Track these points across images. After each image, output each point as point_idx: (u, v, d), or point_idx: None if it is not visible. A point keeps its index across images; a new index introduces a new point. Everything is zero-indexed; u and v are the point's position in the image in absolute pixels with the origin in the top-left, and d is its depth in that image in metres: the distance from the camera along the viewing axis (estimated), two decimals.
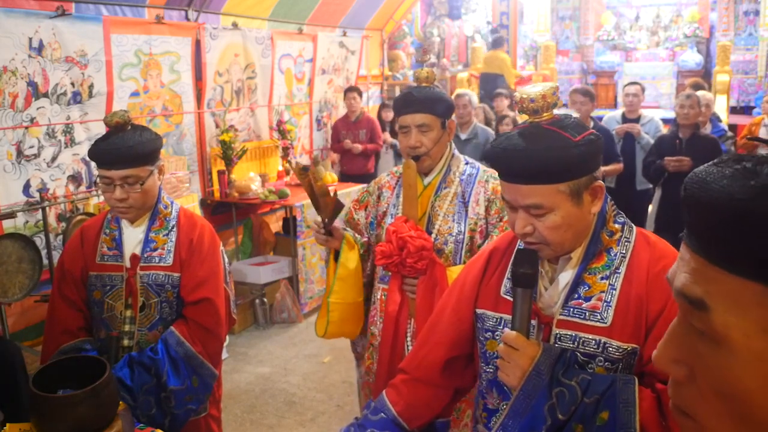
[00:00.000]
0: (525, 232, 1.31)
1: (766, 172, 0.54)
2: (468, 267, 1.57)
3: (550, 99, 1.28)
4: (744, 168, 0.56)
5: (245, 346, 4.56)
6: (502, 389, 1.41)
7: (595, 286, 1.33)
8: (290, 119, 6.00)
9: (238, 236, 5.41)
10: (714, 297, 0.56)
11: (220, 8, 4.98)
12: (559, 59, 10.83)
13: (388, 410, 1.49)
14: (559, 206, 1.27)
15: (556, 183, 1.26)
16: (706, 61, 10.44)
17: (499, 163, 1.32)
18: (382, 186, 2.35)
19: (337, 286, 2.28)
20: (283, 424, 3.54)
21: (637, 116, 5.50)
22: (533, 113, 1.30)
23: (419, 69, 2.30)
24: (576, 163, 1.25)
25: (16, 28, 3.47)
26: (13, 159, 3.55)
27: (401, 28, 8.66)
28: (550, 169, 1.25)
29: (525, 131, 1.29)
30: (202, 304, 2.12)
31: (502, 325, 1.42)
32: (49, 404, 1.50)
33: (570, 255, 1.35)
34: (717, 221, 0.56)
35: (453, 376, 1.53)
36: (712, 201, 0.56)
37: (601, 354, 1.29)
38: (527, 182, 1.27)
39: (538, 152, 1.24)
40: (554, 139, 1.25)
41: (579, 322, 1.32)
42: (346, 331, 2.37)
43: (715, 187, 0.56)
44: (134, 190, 2.04)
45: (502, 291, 1.44)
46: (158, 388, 2.04)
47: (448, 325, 1.52)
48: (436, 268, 2.09)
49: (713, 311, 0.56)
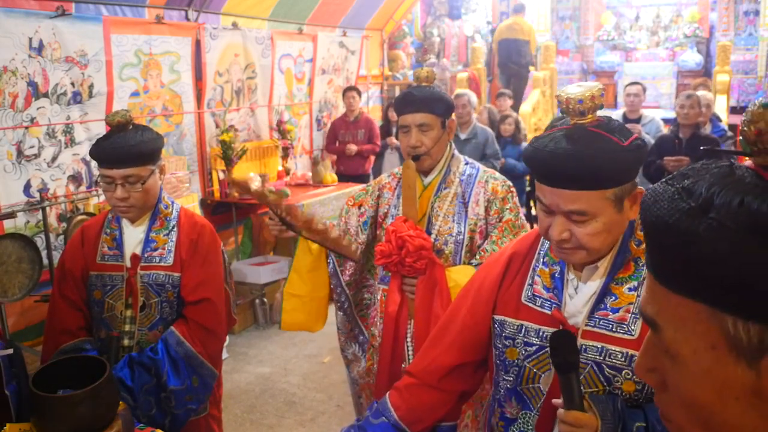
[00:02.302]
0: (562, 238, 1.25)
1: (700, 192, 0.54)
2: (485, 270, 1.52)
3: (598, 101, 1.22)
4: (683, 188, 0.56)
5: (245, 346, 4.56)
6: (521, 398, 1.39)
7: (622, 297, 1.29)
8: (290, 119, 6.00)
9: (238, 236, 5.41)
10: (663, 316, 0.58)
11: (220, 8, 4.98)
12: (559, 59, 10.83)
13: (389, 414, 1.48)
14: (602, 213, 1.22)
15: (604, 189, 1.20)
16: (706, 61, 10.43)
17: (543, 166, 1.23)
18: (382, 187, 2.35)
19: (291, 277, 2.32)
20: (283, 424, 3.54)
21: (639, 116, 5.51)
22: (579, 115, 1.22)
23: (419, 68, 2.29)
24: (625, 169, 1.21)
25: (16, 28, 3.47)
26: (14, 159, 3.55)
27: (401, 28, 8.66)
28: (600, 174, 1.18)
29: (571, 133, 1.22)
30: (203, 304, 2.11)
31: (523, 333, 1.38)
32: (49, 404, 1.50)
33: (597, 264, 1.31)
34: (658, 243, 0.57)
35: (460, 381, 1.51)
36: (653, 223, 0.57)
37: (628, 367, 1.27)
38: (572, 187, 1.20)
39: (589, 156, 1.18)
40: (604, 142, 1.19)
41: (606, 333, 1.29)
42: (303, 324, 2.39)
43: (655, 209, 0.57)
44: (135, 190, 2.04)
45: (524, 298, 1.40)
46: (158, 388, 2.04)
47: (462, 329, 1.48)
48: (435, 268, 2.09)
49: (663, 330, 0.58)
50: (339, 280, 2.33)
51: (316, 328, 2.40)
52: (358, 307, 2.40)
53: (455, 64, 10.67)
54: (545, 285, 1.39)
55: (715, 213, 0.53)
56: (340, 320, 2.41)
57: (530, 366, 1.37)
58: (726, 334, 0.53)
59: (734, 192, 0.53)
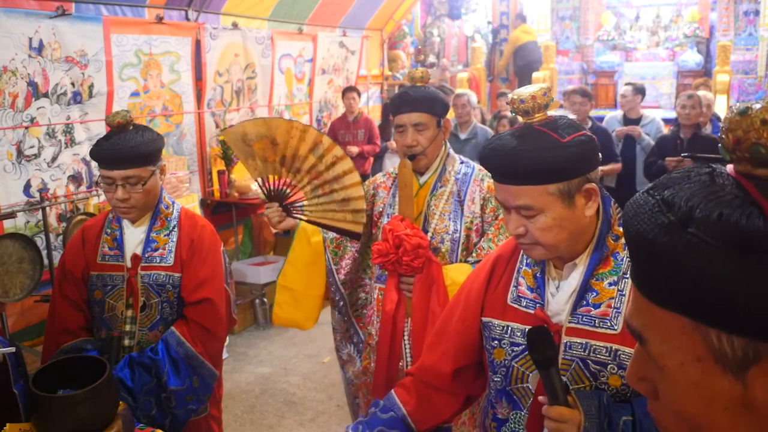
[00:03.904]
0: (518, 233, 1.31)
1: (680, 205, 0.54)
2: (473, 275, 1.56)
3: (541, 100, 1.28)
4: (662, 199, 0.56)
5: (245, 346, 4.56)
6: (511, 398, 1.41)
7: (603, 292, 1.31)
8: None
9: (238, 236, 5.41)
10: (649, 329, 0.58)
11: (220, 8, 4.98)
12: (559, 59, 10.82)
13: (398, 409, 1.49)
14: (549, 208, 1.26)
15: (544, 184, 1.25)
16: (706, 61, 10.42)
17: (489, 163, 1.32)
18: (377, 186, 2.36)
19: (285, 269, 2.32)
20: (283, 424, 3.54)
21: (639, 116, 5.50)
22: (525, 114, 1.29)
23: (414, 69, 2.31)
24: (564, 165, 1.24)
25: (16, 28, 3.47)
26: (14, 159, 3.55)
27: (401, 28, 8.66)
28: (536, 169, 1.24)
29: (516, 132, 1.29)
30: (203, 305, 2.12)
31: (509, 334, 1.41)
32: (49, 404, 1.50)
33: (575, 261, 1.34)
34: (640, 257, 0.57)
35: (464, 384, 1.53)
36: (634, 237, 0.57)
37: (612, 361, 1.29)
38: (516, 183, 1.27)
39: (525, 153, 1.24)
40: (542, 139, 1.25)
41: (589, 329, 1.31)
42: (295, 321, 2.39)
43: (635, 223, 0.57)
44: (136, 191, 2.04)
45: (509, 299, 1.43)
46: (159, 389, 2.04)
47: (455, 335, 1.51)
48: (432, 267, 2.09)
49: (649, 342, 0.58)
50: (334, 279, 2.34)
51: (308, 326, 2.40)
52: (353, 306, 2.41)
53: (455, 64, 10.67)
54: (529, 285, 1.41)
55: (694, 228, 0.52)
56: (336, 320, 2.42)
57: (518, 366, 1.39)
58: (711, 348, 0.53)
59: (714, 204, 0.52)
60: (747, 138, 0.53)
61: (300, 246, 2.30)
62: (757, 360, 0.51)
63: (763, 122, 0.53)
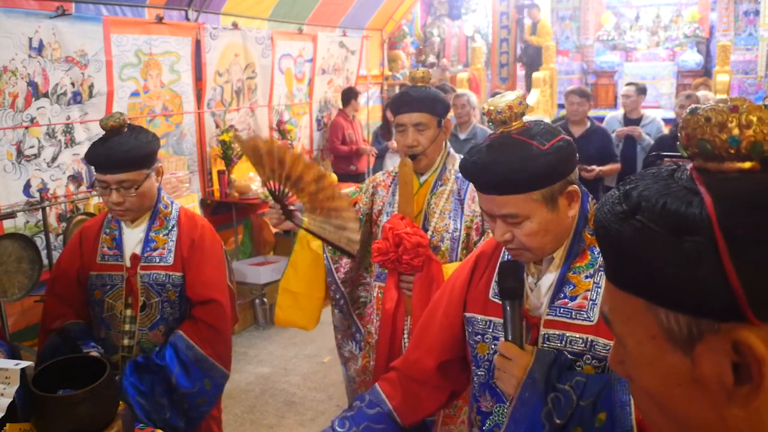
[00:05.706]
0: (504, 240, 1.32)
1: (635, 196, 0.59)
2: (456, 271, 1.58)
3: (517, 109, 1.28)
4: (623, 192, 0.61)
5: (245, 346, 4.56)
6: (494, 392, 1.42)
7: (580, 285, 1.34)
8: (290, 119, 6.01)
9: (238, 236, 5.41)
10: (613, 312, 0.63)
11: (220, 8, 4.98)
12: (559, 59, 10.82)
13: (384, 404, 1.50)
14: (534, 214, 1.28)
15: (528, 192, 1.26)
16: (706, 61, 10.43)
17: (471, 176, 1.33)
18: (377, 185, 2.36)
19: (287, 272, 2.33)
20: (283, 424, 3.54)
21: (639, 116, 5.50)
22: (502, 124, 1.30)
23: (414, 69, 2.31)
24: (546, 171, 1.25)
25: (16, 28, 3.47)
26: (14, 159, 3.55)
27: (401, 28, 8.66)
28: (518, 179, 1.25)
29: (494, 142, 1.30)
30: (211, 305, 2.13)
31: (492, 329, 1.43)
32: (49, 404, 1.50)
33: (553, 256, 1.36)
34: (603, 244, 0.63)
35: (449, 379, 1.54)
36: (597, 227, 0.63)
37: (588, 352, 1.31)
38: (500, 193, 1.28)
39: (505, 164, 1.25)
40: (521, 149, 1.25)
41: (566, 321, 1.33)
42: (297, 322, 2.40)
43: (599, 214, 0.63)
44: (130, 194, 2.03)
45: (491, 294, 1.45)
46: (168, 393, 2.04)
47: (439, 329, 1.53)
48: (432, 265, 2.10)
49: (613, 324, 0.64)
50: (334, 278, 2.34)
51: (310, 327, 2.42)
52: (354, 304, 2.41)
53: (455, 64, 10.68)
54: None
55: (640, 215, 0.57)
56: (337, 318, 2.42)
57: None
58: (662, 326, 0.57)
59: (659, 195, 0.58)
60: (695, 135, 0.59)
61: (301, 249, 2.31)
62: (701, 337, 0.55)
63: (706, 120, 0.58)
